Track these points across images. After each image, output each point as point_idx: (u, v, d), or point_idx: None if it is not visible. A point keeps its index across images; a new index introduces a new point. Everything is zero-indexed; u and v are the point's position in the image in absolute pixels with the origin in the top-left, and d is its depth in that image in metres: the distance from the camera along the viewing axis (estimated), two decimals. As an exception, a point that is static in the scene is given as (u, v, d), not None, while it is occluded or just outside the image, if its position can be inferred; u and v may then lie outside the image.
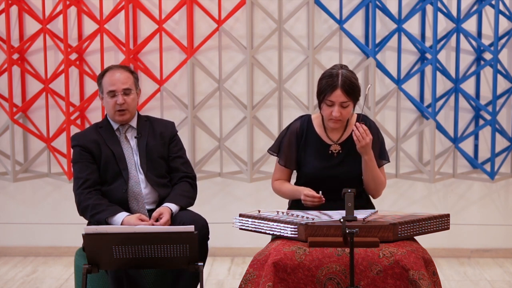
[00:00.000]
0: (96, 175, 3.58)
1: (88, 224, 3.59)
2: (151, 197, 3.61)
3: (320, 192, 3.41)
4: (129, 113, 3.63)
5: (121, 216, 3.45)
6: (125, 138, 3.65)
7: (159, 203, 3.61)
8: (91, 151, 3.59)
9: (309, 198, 3.41)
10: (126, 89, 3.60)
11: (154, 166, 3.63)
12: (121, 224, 3.43)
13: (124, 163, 3.60)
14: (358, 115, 3.59)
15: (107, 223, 3.45)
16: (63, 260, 5.17)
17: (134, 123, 3.68)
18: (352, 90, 3.41)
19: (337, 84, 3.39)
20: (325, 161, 3.53)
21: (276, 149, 3.63)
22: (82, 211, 3.55)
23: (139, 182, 3.59)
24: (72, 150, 3.66)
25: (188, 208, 3.65)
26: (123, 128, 3.67)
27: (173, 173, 3.70)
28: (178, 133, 3.82)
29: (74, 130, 5.05)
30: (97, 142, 3.61)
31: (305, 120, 3.60)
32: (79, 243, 3.42)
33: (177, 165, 3.70)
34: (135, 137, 3.65)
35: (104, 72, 3.66)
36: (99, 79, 3.66)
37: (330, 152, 3.54)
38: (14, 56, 4.94)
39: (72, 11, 5.00)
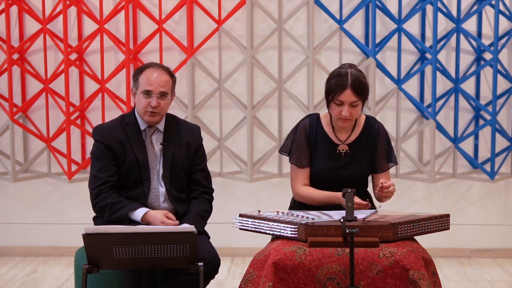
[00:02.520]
0: (116, 178, 3.48)
1: (98, 223, 3.53)
2: (168, 211, 3.48)
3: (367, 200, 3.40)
4: (160, 116, 3.50)
5: (142, 211, 3.39)
6: (150, 142, 3.53)
7: (176, 217, 3.50)
8: (115, 152, 3.47)
9: (355, 206, 3.25)
10: (163, 92, 3.46)
11: (176, 180, 3.53)
12: (144, 218, 3.37)
13: (147, 172, 3.49)
14: (367, 116, 3.59)
15: (129, 218, 3.39)
16: (63, 260, 5.17)
17: (161, 126, 3.54)
18: (362, 90, 3.40)
19: (347, 84, 3.37)
20: (333, 161, 3.51)
21: (287, 149, 3.57)
22: (99, 210, 3.48)
23: (158, 196, 3.51)
24: (94, 143, 3.52)
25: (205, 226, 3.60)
26: (150, 130, 3.54)
27: (194, 185, 3.59)
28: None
29: (74, 130, 5.06)
30: (123, 143, 3.48)
31: (314, 119, 3.56)
32: (79, 243, 3.42)
33: (199, 178, 3.59)
34: (161, 144, 3.53)
35: (143, 68, 3.51)
36: (136, 73, 3.50)
37: (338, 152, 3.52)
38: (14, 56, 4.93)
39: (72, 11, 5.00)
